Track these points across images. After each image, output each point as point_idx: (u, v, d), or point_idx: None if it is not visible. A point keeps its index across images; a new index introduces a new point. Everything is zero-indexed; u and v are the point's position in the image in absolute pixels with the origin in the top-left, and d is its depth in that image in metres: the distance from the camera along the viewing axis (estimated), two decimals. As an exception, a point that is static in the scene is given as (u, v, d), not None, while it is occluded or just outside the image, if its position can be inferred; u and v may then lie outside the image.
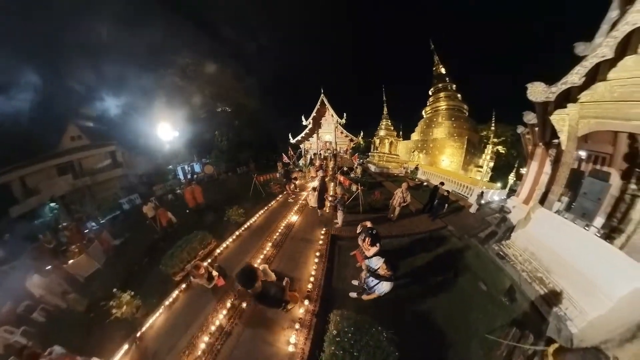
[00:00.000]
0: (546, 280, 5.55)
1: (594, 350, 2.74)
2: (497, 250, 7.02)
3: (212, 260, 6.13)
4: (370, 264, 4.15)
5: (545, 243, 6.10)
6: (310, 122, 19.76)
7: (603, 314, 4.31)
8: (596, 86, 5.30)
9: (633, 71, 4.66)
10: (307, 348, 3.75)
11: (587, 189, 6.61)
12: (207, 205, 11.43)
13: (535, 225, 6.61)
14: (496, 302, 5.22)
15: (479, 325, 4.61)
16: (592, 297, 4.58)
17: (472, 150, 19.61)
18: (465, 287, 5.63)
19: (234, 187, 15.29)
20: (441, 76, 22.71)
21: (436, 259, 6.65)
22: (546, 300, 5.11)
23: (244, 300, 4.63)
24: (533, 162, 9.05)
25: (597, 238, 5.39)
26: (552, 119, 6.19)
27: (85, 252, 7.85)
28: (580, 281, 4.92)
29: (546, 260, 5.91)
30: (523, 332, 4.25)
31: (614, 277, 4.43)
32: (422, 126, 22.60)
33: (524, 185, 9.57)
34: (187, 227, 8.22)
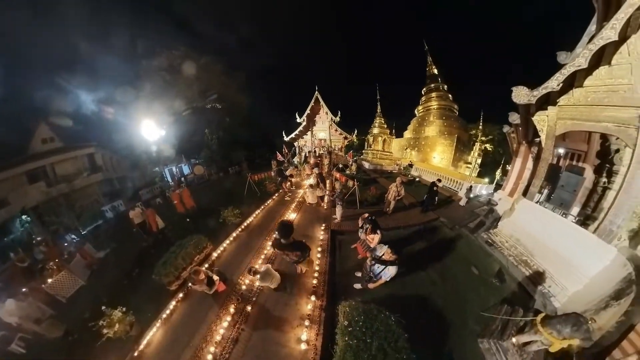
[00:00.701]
0: (531, 263, 6.09)
1: (574, 315, 3.25)
2: (485, 238, 7.49)
3: (210, 265, 5.72)
4: (375, 251, 4.26)
5: (529, 230, 6.66)
6: (304, 120, 19.19)
7: (581, 289, 4.88)
8: (573, 91, 5.86)
9: (605, 80, 5.24)
10: (319, 343, 3.66)
11: (565, 182, 7.27)
12: (199, 209, 10.56)
13: (519, 215, 7.17)
14: (488, 284, 5.65)
15: (474, 304, 4.97)
16: (570, 275, 5.15)
17: (462, 148, 20.34)
18: (459, 272, 6.00)
19: (227, 188, 14.28)
20: (434, 77, 23.20)
21: (431, 248, 6.94)
22: (531, 280, 5.63)
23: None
24: (517, 158, 9.69)
25: (573, 224, 6.02)
26: (533, 120, 6.70)
27: (66, 268, 6.78)
28: (560, 262, 5.49)
29: (530, 245, 6.47)
30: (514, 308, 4.70)
31: (589, 258, 5.02)
32: (415, 124, 23.10)
33: (509, 179, 10.19)
34: (179, 232, 7.60)
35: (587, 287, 4.82)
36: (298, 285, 4.91)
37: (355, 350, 3.02)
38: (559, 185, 7.43)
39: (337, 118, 18.44)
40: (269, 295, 4.69)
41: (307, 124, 19.63)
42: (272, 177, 13.27)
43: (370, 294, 4.61)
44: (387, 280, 4.15)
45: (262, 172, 13.99)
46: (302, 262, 4.79)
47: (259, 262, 5.72)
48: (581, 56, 4.90)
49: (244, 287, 4.91)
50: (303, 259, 4.60)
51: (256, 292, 4.77)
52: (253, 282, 4.94)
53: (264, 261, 5.79)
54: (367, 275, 4.50)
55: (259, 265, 5.47)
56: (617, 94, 5.10)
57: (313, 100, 18.59)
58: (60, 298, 6.29)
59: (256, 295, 4.71)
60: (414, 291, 5.13)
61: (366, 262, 4.68)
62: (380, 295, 4.61)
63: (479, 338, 4.25)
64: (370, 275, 4.36)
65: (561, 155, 7.94)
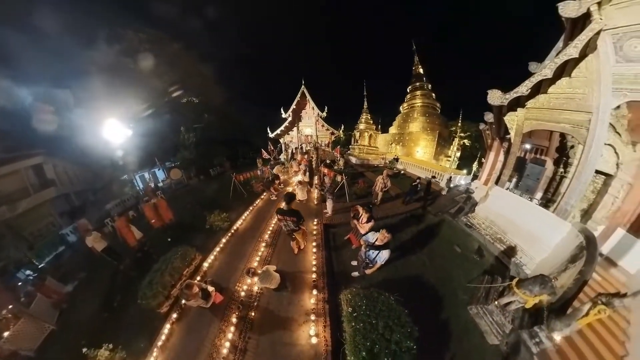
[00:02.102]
0: (504, 240, 6.79)
1: (541, 276, 3.87)
2: (465, 221, 8.02)
3: (202, 277, 5.15)
4: (368, 239, 4.28)
5: (501, 212, 7.32)
6: (289, 115, 17.80)
7: (545, 257, 5.73)
8: (539, 97, 6.61)
9: (565, 89, 6.03)
10: (328, 334, 3.61)
11: (530, 171, 8.20)
12: (182, 217, 8.98)
13: (493, 200, 7.80)
14: (470, 260, 6.15)
15: (460, 278, 5.38)
16: (536, 247, 6.00)
17: (443, 143, 21.13)
18: (445, 252, 6.40)
19: (210, 191, 12.81)
20: (419, 76, 23.38)
21: (418, 233, 7.22)
22: (506, 254, 6.33)
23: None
24: (491, 152, 10.58)
25: (537, 206, 6.90)
26: (505, 119, 7.35)
27: (26, 314, 5.25)
28: (528, 237, 6.30)
29: (503, 225, 7.13)
30: (493, 277, 5.29)
31: (550, 232, 5.87)
32: (400, 120, 23.40)
33: (483, 170, 11.12)
34: (161, 247, 6.63)
35: (550, 255, 5.67)
36: (298, 281, 4.78)
37: (364, 332, 3.09)
38: (525, 174, 8.39)
39: (323, 113, 17.44)
40: (270, 297, 4.46)
41: (292, 120, 18.32)
42: (259, 176, 12.37)
43: (368, 279, 4.61)
44: (382, 264, 4.16)
45: (247, 171, 12.99)
46: (298, 232, 5.12)
47: (255, 265, 5.32)
48: (547, 67, 5.63)
49: (243, 293, 4.55)
50: (298, 226, 4.94)
51: (257, 296, 4.48)
52: (253, 285, 4.67)
53: (261, 263, 5.46)
54: (363, 262, 4.48)
55: (257, 266, 5.14)
56: (573, 101, 5.91)
57: (299, 95, 17.24)
58: (26, 352, 4.78)
59: (257, 299, 4.43)
60: (407, 273, 5.36)
61: (360, 250, 4.67)
62: (378, 279, 4.68)
63: (468, 305, 4.68)
64: (366, 262, 4.35)
65: (527, 150, 8.90)
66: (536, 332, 3.66)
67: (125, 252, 7.05)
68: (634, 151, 5.84)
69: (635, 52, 4.86)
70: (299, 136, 19.40)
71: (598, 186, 6.74)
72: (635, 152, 5.82)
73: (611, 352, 3.72)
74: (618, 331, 4.05)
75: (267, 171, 12.36)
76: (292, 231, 5.08)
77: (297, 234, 5.20)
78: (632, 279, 5.40)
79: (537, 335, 3.63)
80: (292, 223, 4.82)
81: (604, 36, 5.09)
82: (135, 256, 6.94)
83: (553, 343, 3.54)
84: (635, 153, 5.84)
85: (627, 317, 4.27)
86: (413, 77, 23.64)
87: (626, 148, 5.87)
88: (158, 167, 18.69)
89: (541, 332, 3.61)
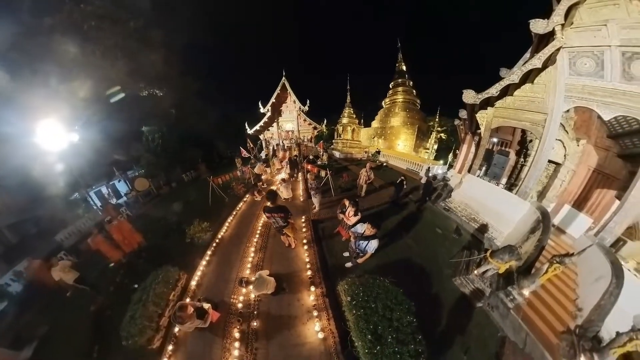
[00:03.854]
0: (477, 219, 7.45)
1: (509, 246, 4.53)
2: (443, 205, 8.54)
3: (192, 296, 4.53)
4: (357, 230, 4.25)
5: (474, 196, 7.97)
6: (268, 110, 15.88)
7: (511, 231, 6.60)
8: (506, 98, 7.34)
9: (528, 93, 6.80)
10: (333, 326, 3.57)
11: (496, 161, 9.22)
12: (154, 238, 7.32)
13: (466, 186, 8.42)
14: (450, 239, 6.61)
15: (443, 255, 5.76)
16: (504, 223, 6.85)
17: (422, 136, 21.77)
18: (428, 234, 6.75)
19: (186, 199, 10.87)
20: (402, 72, 23.44)
21: (402, 220, 7.40)
22: (479, 231, 7.03)
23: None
24: (464, 145, 11.42)
25: (503, 190, 7.82)
26: (477, 116, 7.92)
27: None
28: (497, 216, 7.02)
29: (475, 207, 7.80)
30: (471, 252, 5.77)
31: (513, 210, 6.73)
32: (382, 115, 23.55)
33: (458, 160, 11.96)
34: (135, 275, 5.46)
35: (514, 229, 6.54)
36: (294, 281, 4.60)
37: (365, 317, 3.12)
38: (492, 163, 9.42)
39: (305, 107, 15.82)
40: (269, 302, 4.19)
41: (272, 115, 16.36)
42: (240, 177, 11.19)
43: (361, 268, 4.58)
44: (372, 253, 4.14)
45: (225, 173, 11.30)
46: (287, 227, 4.91)
47: (247, 273, 4.91)
48: (515, 74, 6.36)
49: (240, 304, 4.17)
50: (287, 221, 4.76)
51: (255, 304, 4.16)
52: (248, 294, 4.27)
53: (252, 269, 5.04)
54: (355, 253, 4.43)
55: (249, 274, 4.79)
56: (533, 103, 6.74)
57: (279, 87, 15.40)
58: None
59: (256, 307, 4.12)
60: (397, 256, 5.48)
61: (350, 241, 4.60)
62: (371, 266, 4.70)
63: (452, 278, 5.07)
64: (357, 252, 4.32)
65: (494, 143, 9.91)
66: (510, 291, 4.36)
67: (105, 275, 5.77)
68: (577, 145, 6.97)
69: (584, 68, 5.72)
70: (279, 132, 17.42)
71: (550, 172, 7.92)
72: (578, 146, 6.96)
73: (567, 298, 4.62)
74: (570, 282, 5.01)
75: (248, 171, 11.27)
76: (281, 227, 4.91)
77: (287, 229, 5.02)
78: (577, 242, 6.55)
79: (510, 293, 4.33)
80: (281, 219, 4.68)
81: (562, 52, 5.88)
82: (108, 291, 5.48)
83: (523, 298, 4.30)
84: (578, 147, 6.98)
85: (575, 271, 5.26)
86: (396, 74, 23.61)
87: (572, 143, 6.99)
88: (118, 179, 14.58)
89: (514, 291, 4.32)
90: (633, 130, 5.93)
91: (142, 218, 8.87)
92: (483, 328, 4.17)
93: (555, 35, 5.60)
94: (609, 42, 5.19)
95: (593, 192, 7.51)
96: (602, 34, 5.29)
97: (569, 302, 4.51)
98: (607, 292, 3.83)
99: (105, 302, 5.24)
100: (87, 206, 12.60)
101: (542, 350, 3.60)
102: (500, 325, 4.19)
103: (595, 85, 5.55)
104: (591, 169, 7.61)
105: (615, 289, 3.82)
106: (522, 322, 4.01)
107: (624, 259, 4.91)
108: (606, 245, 5.18)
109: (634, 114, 5.14)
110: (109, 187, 13.98)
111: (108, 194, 13.65)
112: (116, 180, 14.79)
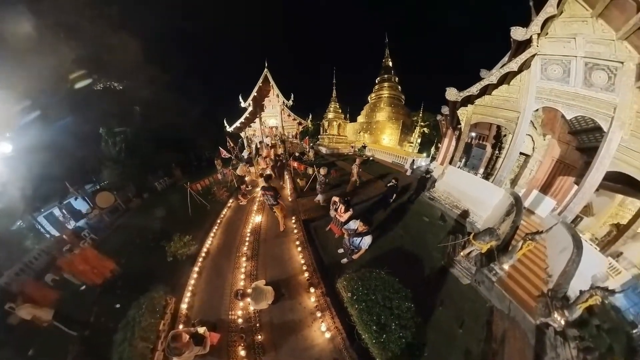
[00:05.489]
0: (460, 206, 8.07)
1: (489, 228, 4.94)
2: (428, 195, 9.02)
3: (185, 321, 4.04)
4: (350, 227, 4.24)
5: (455, 186, 8.49)
6: (250, 104, 14.31)
7: (489, 214, 7.29)
8: (485, 97, 7.94)
9: (504, 92, 7.45)
10: (339, 323, 3.52)
11: (475, 153, 9.98)
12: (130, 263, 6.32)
13: (448, 177, 8.95)
14: (436, 226, 7.00)
15: (432, 241, 6.07)
16: (482, 208, 7.52)
17: (406, 131, 21.95)
18: (415, 222, 7.04)
19: (162, 212, 9.40)
20: (388, 68, 23.11)
21: (392, 211, 7.58)
22: (462, 217, 7.66)
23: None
24: (445, 139, 12.00)
25: (481, 179, 8.51)
26: (458, 112, 8.38)
27: None
28: (476, 202, 7.69)
29: (457, 195, 8.34)
30: (456, 236, 5.93)
31: (490, 196, 7.40)
32: (367, 110, 23.39)
33: (440, 153, 12.59)
34: (115, 310, 4.70)
35: (492, 213, 7.24)
36: (293, 285, 4.42)
37: (367, 309, 3.19)
38: (471, 155, 10.20)
39: (289, 101, 14.57)
40: (270, 311, 3.94)
41: (254, 110, 14.74)
42: (221, 181, 10.25)
43: (356, 263, 4.62)
44: (366, 249, 4.22)
45: (204, 177, 10.26)
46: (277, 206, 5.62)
47: (241, 284, 4.54)
48: (494, 75, 6.92)
49: (240, 319, 3.85)
50: (276, 200, 5.56)
51: (256, 316, 3.90)
52: (247, 306, 3.96)
53: (247, 279, 4.66)
54: (349, 249, 4.44)
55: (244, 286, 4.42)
56: (509, 102, 7.40)
57: (261, 80, 13.89)
58: None
59: (257, 319, 3.85)
60: (388, 247, 5.57)
61: (345, 238, 4.61)
62: (366, 259, 4.74)
63: (441, 261, 5.44)
64: (351, 248, 4.34)
65: (473, 137, 10.68)
66: (492, 267, 4.92)
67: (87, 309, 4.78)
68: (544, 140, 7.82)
69: (553, 74, 6.43)
70: (262, 128, 15.78)
71: (520, 163, 8.80)
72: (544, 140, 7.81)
73: (539, 268, 5.35)
74: (541, 254, 5.77)
75: (230, 173, 10.32)
76: (272, 205, 5.73)
77: (276, 207, 5.72)
78: (544, 221, 7.44)
79: (493, 269, 4.90)
80: (272, 197, 5.49)
81: (536, 59, 6.51)
82: (83, 335, 4.46)
83: (504, 272, 4.91)
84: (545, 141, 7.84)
85: (544, 245, 6.05)
86: (382, 69, 23.30)
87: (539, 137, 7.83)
88: (74, 196, 11.36)
89: (495, 267, 4.89)
90: (589, 128, 6.82)
91: (111, 240, 7.67)
92: (473, 302, 4.67)
93: (532, 43, 6.17)
94: (575, 53, 5.90)
95: (556, 179, 8.54)
96: (570, 46, 5.99)
97: (541, 271, 5.25)
98: (571, 260, 4.54)
99: (83, 343, 4.28)
100: (36, 235, 9.81)
101: (523, 313, 4.22)
102: (487, 297, 4.75)
103: (561, 89, 6.30)
104: (554, 159, 8.61)
105: (577, 257, 4.53)
106: (505, 292, 4.61)
107: (581, 232, 5.78)
108: (568, 222, 6.01)
109: (590, 115, 5.95)
110: (63, 208, 11.05)
111: (63, 217, 10.75)
112: (71, 198, 11.56)
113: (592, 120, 6.13)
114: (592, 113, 5.92)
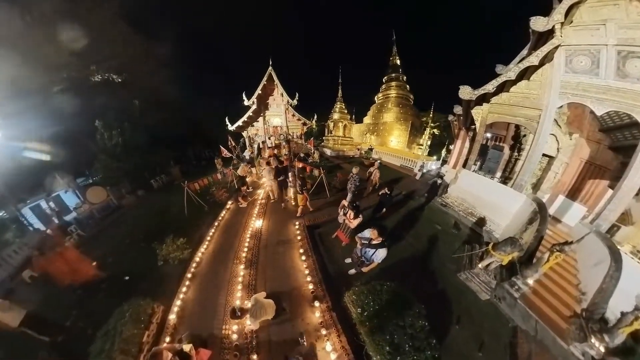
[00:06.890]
0: (475, 213, 7.54)
1: (510, 238, 4.53)
2: (440, 201, 8.53)
3: (172, 334, 3.65)
4: (364, 235, 4.02)
5: (470, 191, 7.99)
6: (254, 103, 13.98)
7: (509, 223, 6.71)
8: (502, 94, 7.41)
9: (523, 89, 6.91)
10: (345, 342, 3.22)
11: (491, 156, 9.38)
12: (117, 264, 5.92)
13: (462, 181, 8.41)
14: (450, 234, 6.59)
15: (445, 251, 5.72)
16: (501, 216, 6.95)
17: (415, 132, 21.23)
18: (427, 230, 6.66)
19: (156, 211, 8.96)
20: (396, 67, 22.45)
21: (402, 217, 7.33)
22: (478, 225, 7.12)
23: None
24: (458, 140, 11.48)
25: (498, 183, 7.93)
26: (472, 112, 7.86)
27: None
28: (493, 209, 7.10)
29: (472, 201, 7.82)
30: (472, 246, 5.76)
31: (510, 202, 6.82)
32: (374, 110, 22.73)
33: (452, 156, 12.01)
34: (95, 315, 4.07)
35: (512, 220, 6.66)
36: (295, 298, 4.07)
37: (380, 327, 2.95)
38: (487, 158, 9.59)
39: (294, 101, 14.38)
40: (269, 327, 3.60)
41: (258, 108, 14.50)
42: (220, 181, 9.95)
43: (365, 275, 4.36)
44: (379, 263, 3.94)
45: (203, 177, 9.96)
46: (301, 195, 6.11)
47: (238, 295, 4.14)
48: (512, 71, 6.41)
49: (235, 335, 3.50)
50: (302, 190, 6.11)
51: (252, 332, 3.53)
52: (244, 322, 3.60)
53: (244, 292, 4.25)
54: (359, 259, 4.18)
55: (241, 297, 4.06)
56: (529, 100, 6.85)
57: (265, 78, 13.68)
58: None
59: (254, 336, 3.48)
60: (399, 256, 5.27)
61: (356, 247, 4.36)
62: (375, 271, 4.44)
63: (457, 273, 5.06)
64: (362, 259, 4.08)
65: (488, 138, 10.08)
66: (514, 281, 4.44)
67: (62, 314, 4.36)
68: (570, 139, 7.17)
69: (580, 66, 5.84)
70: (265, 127, 15.56)
71: (544, 165, 8.11)
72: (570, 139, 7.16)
73: (569, 284, 4.75)
74: (571, 268, 5.15)
75: (230, 173, 10.03)
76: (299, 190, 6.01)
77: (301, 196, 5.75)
78: (573, 230, 6.75)
79: (515, 284, 4.42)
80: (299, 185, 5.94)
81: (560, 50, 5.97)
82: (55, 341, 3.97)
83: (528, 287, 4.39)
84: (571, 140, 7.18)
85: (574, 257, 5.41)
86: (389, 68, 22.61)
87: (564, 137, 7.18)
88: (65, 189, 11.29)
89: (518, 281, 4.41)
90: (624, 124, 6.14)
91: (100, 238, 7.39)
92: (493, 320, 4.21)
93: (555, 34, 5.67)
94: (606, 41, 5.32)
95: (586, 183, 7.77)
96: (600, 33, 5.42)
97: (572, 287, 4.65)
98: (608, 275, 3.96)
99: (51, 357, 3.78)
100: (19, 228, 9.26)
101: (552, 336, 3.68)
102: (509, 315, 4.25)
103: (590, 82, 5.70)
104: (583, 160, 7.86)
105: (615, 272, 3.95)
106: (530, 310, 4.09)
107: (619, 243, 5.10)
108: (602, 231, 5.36)
109: (626, 109, 5.31)
110: (51, 201, 10.61)
111: (50, 210, 10.28)
112: (61, 191, 11.34)
113: (628, 115, 5.48)
114: (628, 107, 5.27)
